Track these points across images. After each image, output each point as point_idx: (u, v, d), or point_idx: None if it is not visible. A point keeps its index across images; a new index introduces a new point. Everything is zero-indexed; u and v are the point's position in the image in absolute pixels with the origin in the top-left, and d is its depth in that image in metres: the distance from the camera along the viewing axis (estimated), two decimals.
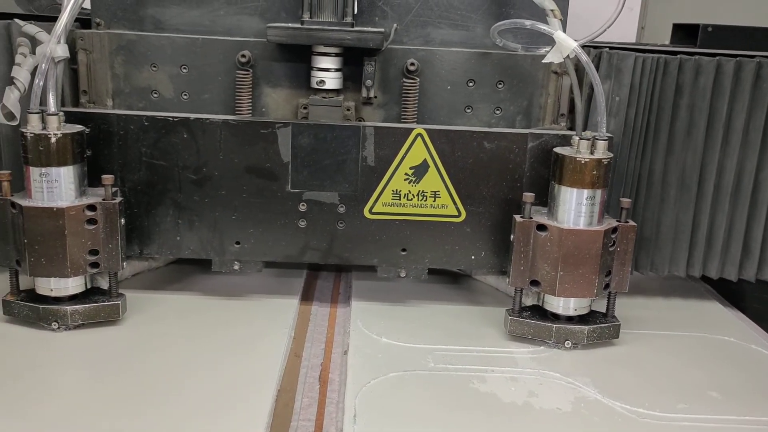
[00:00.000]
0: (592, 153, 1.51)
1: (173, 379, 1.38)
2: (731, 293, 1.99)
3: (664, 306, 1.89)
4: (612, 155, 1.52)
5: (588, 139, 1.50)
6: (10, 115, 1.46)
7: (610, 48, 1.72)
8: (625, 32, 1.73)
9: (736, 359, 1.59)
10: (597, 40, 1.64)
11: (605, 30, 1.61)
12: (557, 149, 1.56)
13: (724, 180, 1.75)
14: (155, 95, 1.72)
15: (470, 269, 1.88)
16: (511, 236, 1.58)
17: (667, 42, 2.32)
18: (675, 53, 1.70)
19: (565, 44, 1.47)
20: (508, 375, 1.46)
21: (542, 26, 1.52)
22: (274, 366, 1.45)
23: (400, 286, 1.88)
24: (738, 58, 1.68)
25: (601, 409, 1.36)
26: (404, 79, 1.70)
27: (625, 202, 1.57)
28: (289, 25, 1.60)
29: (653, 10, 3.10)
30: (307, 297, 1.84)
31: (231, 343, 1.53)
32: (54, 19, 1.65)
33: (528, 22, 1.53)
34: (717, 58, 1.68)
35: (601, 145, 1.50)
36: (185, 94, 1.72)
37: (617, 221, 1.57)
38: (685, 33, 2.21)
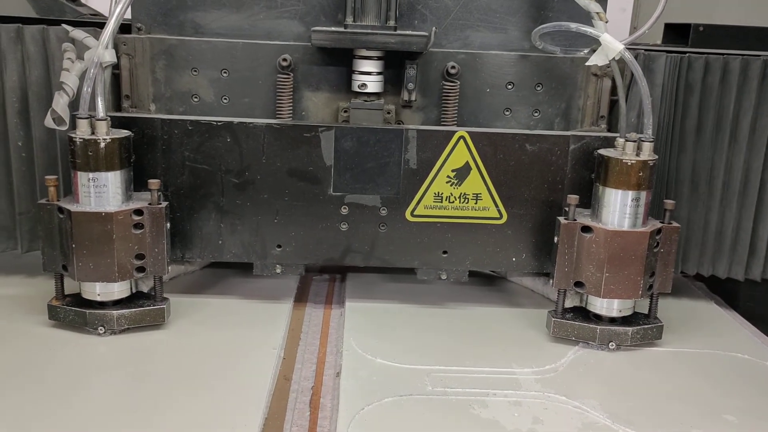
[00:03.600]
0: (638, 155, 1.51)
1: (158, 403, 1.31)
2: (725, 292, 1.98)
3: (661, 307, 1.80)
4: (657, 157, 1.53)
5: (634, 141, 1.51)
6: (59, 120, 1.46)
7: (646, 50, 1.74)
8: (617, 33, 1.75)
9: (750, 378, 1.52)
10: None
11: (644, 32, 1.61)
12: (602, 151, 1.57)
13: (732, 178, 1.77)
14: (196, 99, 1.72)
15: (511, 271, 1.88)
16: (555, 238, 1.58)
17: (659, 42, 2.34)
18: (684, 53, 1.73)
19: (612, 47, 1.48)
20: (511, 399, 1.38)
21: (589, 29, 1.52)
22: (262, 390, 1.37)
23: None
24: (744, 57, 1.71)
25: None
26: (445, 82, 1.70)
27: (669, 203, 1.57)
28: (333, 29, 1.61)
29: (645, 10, 3.12)
30: (301, 300, 1.83)
31: (218, 364, 1.46)
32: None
33: (573, 25, 1.54)
34: (724, 56, 1.70)
35: (647, 146, 1.51)
36: (225, 98, 1.72)
37: (660, 222, 1.57)
38: (676, 32, 2.23)
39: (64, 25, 1.56)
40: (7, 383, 1.35)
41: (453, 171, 1.65)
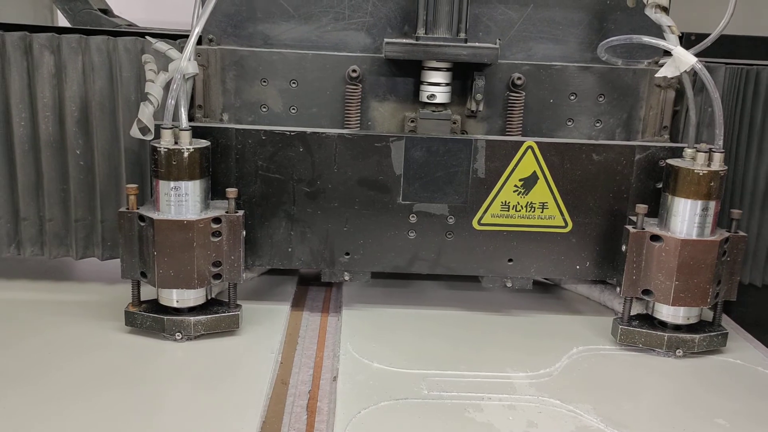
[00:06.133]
0: (708, 165, 1.54)
1: (156, 406, 1.33)
2: None
3: None
4: (727, 167, 1.55)
5: (705, 152, 1.53)
6: (145, 130, 1.49)
7: (706, 62, 1.77)
8: None
9: (742, 383, 1.53)
10: None
11: (713, 40, 1.65)
12: (671, 161, 1.60)
13: (757, 188, 1.84)
14: (264, 109, 1.75)
15: (575, 279, 1.90)
16: (623, 247, 1.61)
17: None
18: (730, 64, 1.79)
19: (685, 59, 1.51)
20: (506, 403, 1.40)
21: (661, 42, 1.55)
22: (259, 394, 1.38)
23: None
24: None
25: None
26: (510, 93, 1.73)
27: (736, 213, 1.60)
28: (406, 41, 1.64)
29: None
30: (298, 304, 1.85)
31: (216, 368, 1.48)
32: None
33: (646, 38, 1.57)
34: (755, 66, 1.77)
35: (718, 157, 1.54)
36: (293, 108, 1.75)
37: (727, 231, 1.60)
38: None
39: (147, 38, 1.60)
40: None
41: (520, 180, 1.68)
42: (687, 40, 2.08)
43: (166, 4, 3.13)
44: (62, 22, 2.68)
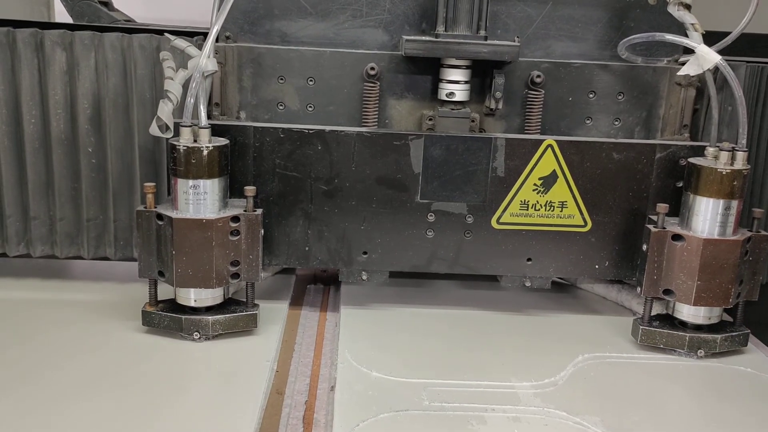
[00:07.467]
0: (731, 164, 1.53)
1: (148, 413, 1.29)
2: None
3: None
4: (750, 166, 1.54)
5: (729, 150, 1.52)
6: (164, 128, 1.47)
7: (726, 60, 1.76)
8: None
9: (753, 392, 1.49)
10: None
11: (736, 36, 1.64)
12: (693, 160, 1.58)
13: None
14: (281, 107, 1.74)
15: (593, 279, 1.89)
16: (644, 246, 1.60)
17: None
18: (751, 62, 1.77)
19: (708, 58, 1.50)
20: (510, 414, 1.34)
21: (684, 40, 1.54)
22: (254, 406, 1.33)
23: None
24: None
25: None
26: (529, 91, 1.72)
27: (758, 212, 1.59)
28: (426, 38, 1.62)
29: None
30: (295, 306, 1.82)
31: (208, 378, 1.44)
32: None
33: (669, 36, 1.56)
34: None
35: (741, 155, 1.53)
36: (310, 106, 1.74)
37: (749, 230, 1.59)
38: None
39: (166, 34, 1.58)
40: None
41: (540, 179, 1.67)
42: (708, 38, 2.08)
43: (165, 3, 3.12)
44: (59, 18, 2.67)
